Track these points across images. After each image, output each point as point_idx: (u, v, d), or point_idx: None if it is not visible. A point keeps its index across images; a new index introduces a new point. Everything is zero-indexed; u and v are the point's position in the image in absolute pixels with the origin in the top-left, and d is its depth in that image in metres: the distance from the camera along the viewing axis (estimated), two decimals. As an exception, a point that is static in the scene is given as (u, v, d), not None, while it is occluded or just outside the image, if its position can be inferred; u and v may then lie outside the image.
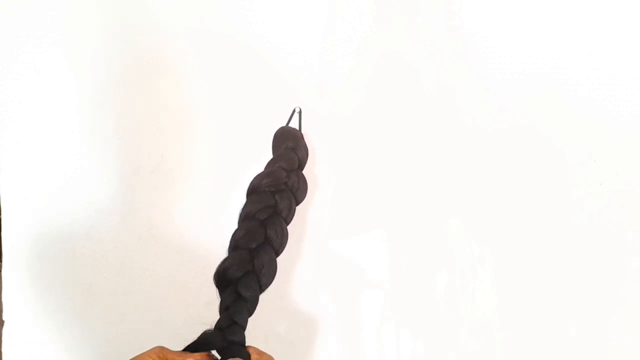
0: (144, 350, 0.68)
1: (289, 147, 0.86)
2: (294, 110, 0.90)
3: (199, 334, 0.73)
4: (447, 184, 0.91)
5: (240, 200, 0.82)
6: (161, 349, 0.68)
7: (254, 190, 0.82)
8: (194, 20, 0.92)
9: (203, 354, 0.69)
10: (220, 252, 0.78)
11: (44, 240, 0.88)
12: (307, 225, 0.92)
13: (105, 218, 0.89)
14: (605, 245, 0.88)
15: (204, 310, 0.72)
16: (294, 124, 0.90)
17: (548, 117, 0.89)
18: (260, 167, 0.85)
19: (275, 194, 0.80)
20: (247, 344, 0.73)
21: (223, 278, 0.76)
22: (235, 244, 0.78)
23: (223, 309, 0.75)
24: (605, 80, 0.88)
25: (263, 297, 0.88)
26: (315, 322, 0.92)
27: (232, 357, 0.68)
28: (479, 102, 0.90)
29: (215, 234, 0.89)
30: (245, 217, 0.80)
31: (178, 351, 0.69)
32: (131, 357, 0.67)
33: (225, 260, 0.77)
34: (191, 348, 0.71)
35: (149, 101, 0.91)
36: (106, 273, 0.90)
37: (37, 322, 0.88)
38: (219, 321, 0.74)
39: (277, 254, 0.80)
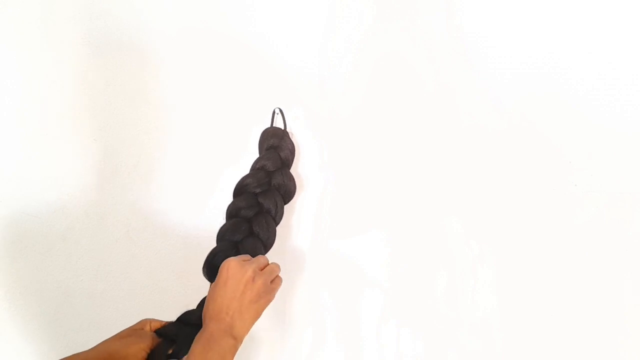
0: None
1: (272, 146, 0.86)
2: (274, 111, 0.90)
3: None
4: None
5: (219, 201, 0.82)
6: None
7: (239, 190, 0.83)
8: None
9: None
10: (199, 254, 0.78)
11: (19, 243, 0.88)
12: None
13: (81, 220, 0.89)
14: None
15: (183, 312, 0.73)
16: (279, 124, 0.90)
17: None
18: (242, 167, 0.86)
19: (259, 195, 0.82)
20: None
21: (211, 265, 0.77)
22: (222, 236, 0.80)
23: None
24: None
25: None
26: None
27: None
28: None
29: (193, 235, 0.89)
30: (230, 214, 0.82)
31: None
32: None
33: (213, 249, 0.78)
34: (168, 327, 0.72)
35: (129, 102, 0.91)
36: (83, 276, 0.89)
37: (12, 325, 0.88)
38: (202, 301, 0.75)
39: (266, 247, 0.81)
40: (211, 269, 0.77)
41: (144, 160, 0.91)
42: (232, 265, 0.68)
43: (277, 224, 0.83)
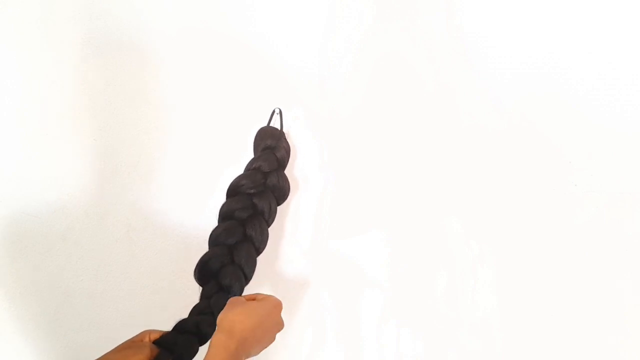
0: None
1: (268, 146, 0.86)
2: (273, 111, 0.90)
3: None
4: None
5: (219, 201, 0.82)
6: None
7: (234, 191, 0.83)
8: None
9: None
10: (199, 254, 0.78)
11: (19, 243, 0.88)
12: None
13: (81, 220, 0.89)
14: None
15: (182, 313, 0.73)
16: (276, 125, 0.90)
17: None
18: (242, 167, 0.85)
19: (254, 196, 0.82)
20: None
21: (204, 270, 0.77)
22: (215, 240, 0.79)
23: (204, 298, 0.76)
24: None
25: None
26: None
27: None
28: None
29: (193, 235, 0.89)
30: (224, 216, 0.81)
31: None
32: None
33: (204, 254, 0.78)
34: (166, 336, 0.71)
35: (129, 102, 0.91)
36: (83, 276, 0.89)
37: (12, 325, 0.88)
38: (195, 307, 0.74)
39: (258, 251, 0.81)
40: (203, 273, 0.77)
41: (144, 160, 0.91)
42: (280, 309, 0.74)
43: (268, 225, 0.83)
